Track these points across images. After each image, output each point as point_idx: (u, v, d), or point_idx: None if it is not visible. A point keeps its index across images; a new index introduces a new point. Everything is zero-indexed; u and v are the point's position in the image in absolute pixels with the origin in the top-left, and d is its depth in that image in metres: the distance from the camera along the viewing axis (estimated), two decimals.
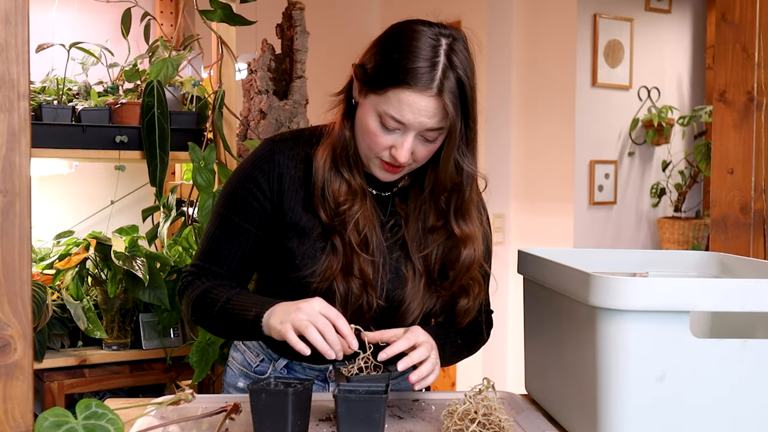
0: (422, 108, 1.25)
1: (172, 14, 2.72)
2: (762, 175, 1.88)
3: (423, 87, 1.24)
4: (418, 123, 1.26)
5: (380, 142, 1.29)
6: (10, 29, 0.98)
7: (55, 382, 2.12)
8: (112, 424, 1.05)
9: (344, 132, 1.35)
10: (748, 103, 1.90)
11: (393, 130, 1.28)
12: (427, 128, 1.27)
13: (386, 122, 1.27)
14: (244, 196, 1.39)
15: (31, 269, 1.04)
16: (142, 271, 2.08)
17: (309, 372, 1.46)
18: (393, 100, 1.25)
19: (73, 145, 2.16)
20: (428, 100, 1.24)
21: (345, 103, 1.37)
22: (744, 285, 1.09)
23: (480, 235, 1.40)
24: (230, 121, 2.34)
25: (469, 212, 1.38)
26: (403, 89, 1.24)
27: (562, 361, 1.29)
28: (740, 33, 1.91)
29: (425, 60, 1.24)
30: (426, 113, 1.25)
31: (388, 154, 1.30)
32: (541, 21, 3.75)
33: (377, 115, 1.28)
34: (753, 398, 1.12)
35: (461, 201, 1.37)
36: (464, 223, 1.38)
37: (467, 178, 1.35)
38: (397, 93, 1.25)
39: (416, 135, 1.28)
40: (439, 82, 1.24)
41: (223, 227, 1.40)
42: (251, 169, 1.40)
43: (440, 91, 1.24)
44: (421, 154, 1.31)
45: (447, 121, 1.27)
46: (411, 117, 1.25)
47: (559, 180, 3.68)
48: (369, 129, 1.29)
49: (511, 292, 3.63)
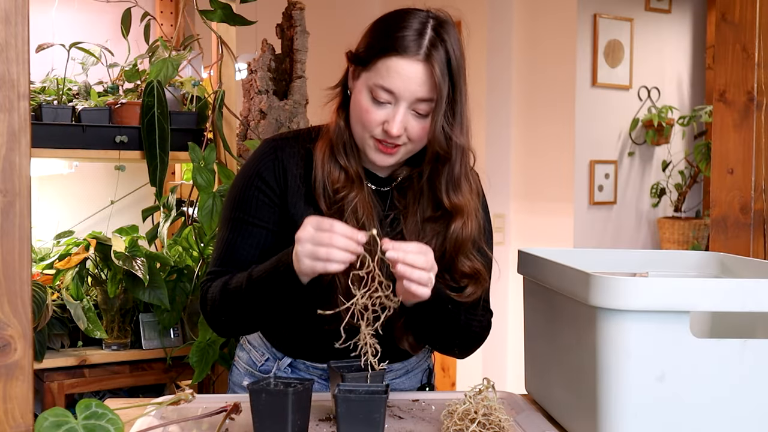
0: (410, 74, 1.27)
1: (172, 14, 2.72)
2: (762, 175, 1.88)
3: (411, 54, 1.27)
4: (408, 92, 1.28)
5: (373, 118, 1.30)
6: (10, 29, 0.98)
7: (55, 382, 2.12)
8: (112, 424, 1.05)
9: (340, 122, 1.38)
10: (748, 103, 1.90)
11: (385, 104, 1.30)
12: (417, 97, 1.28)
13: (377, 95, 1.29)
14: (253, 193, 1.39)
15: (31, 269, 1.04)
16: (142, 271, 2.08)
17: (313, 371, 1.47)
18: (382, 69, 1.28)
19: (73, 145, 2.16)
20: (416, 66, 1.27)
21: (341, 95, 1.40)
22: (744, 285, 1.09)
23: (471, 210, 1.39)
24: (230, 121, 2.34)
25: (460, 186, 1.37)
26: (390, 57, 1.27)
27: (562, 361, 1.29)
28: (740, 33, 1.91)
29: (413, 30, 1.28)
30: (415, 80, 1.27)
31: (381, 131, 1.31)
32: (541, 21, 3.75)
33: (368, 90, 1.30)
34: (753, 398, 1.12)
35: (451, 174, 1.36)
36: (454, 195, 1.37)
37: (457, 150, 1.34)
38: (385, 62, 1.28)
39: (408, 108, 1.30)
40: (427, 49, 1.27)
41: (237, 229, 1.39)
42: (256, 167, 1.40)
43: (428, 58, 1.27)
44: (414, 131, 1.31)
45: (436, 92, 1.29)
46: (400, 84, 1.27)
47: (559, 180, 3.68)
48: (362, 107, 1.31)
49: (511, 292, 3.63)
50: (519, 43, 3.83)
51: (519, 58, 3.84)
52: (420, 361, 1.55)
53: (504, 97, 3.89)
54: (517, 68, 3.85)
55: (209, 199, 2.13)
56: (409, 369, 1.52)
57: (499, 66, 3.88)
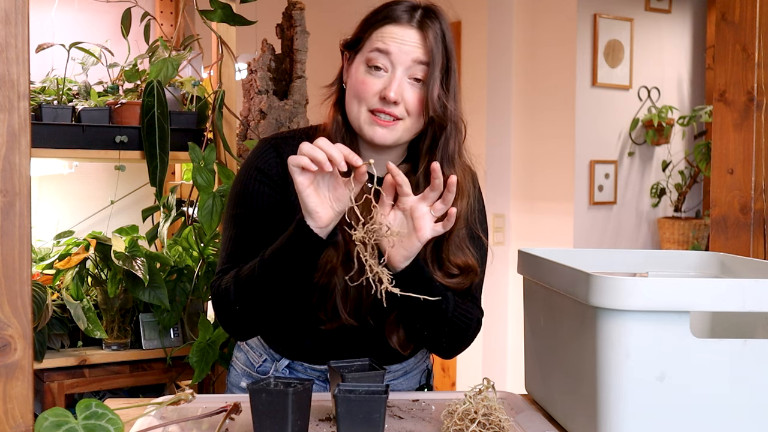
0: (405, 38, 1.30)
1: (172, 14, 2.72)
2: (762, 175, 1.88)
3: (404, 22, 1.32)
4: (404, 53, 1.30)
5: (369, 88, 1.31)
6: (10, 29, 0.98)
7: (55, 382, 2.12)
8: (112, 424, 1.05)
9: (338, 117, 1.39)
10: (748, 103, 1.90)
11: (381, 72, 1.31)
12: (413, 59, 1.30)
13: (373, 60, 1.31)
14: (254, 187, 1.39)
15: (31, 269, 1.04)
16: (142, 271, 2.08)
17: (310, 372, 1.47)
18: (376, 37, 1.32)
19: (73, 145, 2.16)
20: (410, 31, 1.31)
21: (337, 93, 1.41)
22: (744, 285, 1.09)
23: (465, 189, 1.39)
24: (230, 121, 2.34)
25: (453, 163, 1.38)
26: (385, 25, 1.32)
27: (562, 361, 1.29)
28: (740, 33, 1.91)
29: (405, 5, 1.33)
30: (410, 42, 1.30)
31: (378, 99, 1.31)
32: (541, 21, 3.75)
33: (364, 61, 1.33)
34: (753, 398, 1.12)
35: (446, 150, 1.37)
36: (448, 170, 1.36)
37: (452, 120, 1.35)
38: (380, 30, 1.32)
39: (404, 73, 1.31)
40: (420, 19, 1.32)
41: (241, 225, 1.38)
42: (255, 163, 1.41)
43: (421, 26, 1.31)
44: (410, 101, 1.31)
45: (430, 57, 1.31)
46: (395, 47, 1.30)
47: (559, 180, 3.68)
48: (357, 80, 1.33)
49: (511, 292, 3.63)
50: (519, 43, 3.83)
51: (519, 59, 3.85)
52: (418, 362, 1.55)
53: (504, 97, 3.89)
54: (517, 68, 3.85)
55: (209, 199, 2.13)
56: (407, 370, 1.52)
57: (499, 66, 3.88)
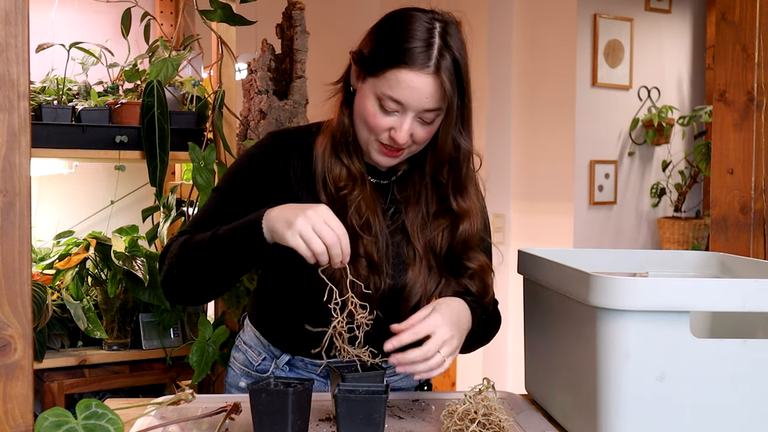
0: (420, 87, 1.27)
1: (172, 14, 2.72)
2: (762, 175, 1.88)
3: (420, 65, 1.26)
4: (417, 103, 1.28)
5: (380, 123, 1.31)
6: (10, 29, 0.98)
7: (55, 382, 2.12)
8: (112, 424, 1.05)
9: (343, 119, 1.38)
10: (748, 103, 1.90)
11: (392, 112, 1.30)
12: (425, 109, 1.29)
13: (385, 104, 1.29)
14: (246, 173, 1.40)
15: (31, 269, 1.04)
16: (142, 271, 2.08)
17: (311, 368, 1.47)
18: (391, 80, 1.28)
19: (73, 145, 2.16)
20: (425, 78, 1.27)
21: (343, 91, 1.40)
22: (744, 285, 1.09)
23: (478, 211, 1.42)
24: (230, 121, 2.34)
25: (467, 188, 1.41)
26: (400, 69, 1.27)
27: (562, 361, 1.29)
28: (740, 33, 1.91)
29: (421, 40, 1.27)
30: (424, 92, 1.27)
31: (387, 137, 1.32)
32: (541, 21, 3.75)
33: (376, 97, 1.30)
34: (753, 398, 1.12)
35: (458, 177, 1.39)
36: (462, 199, 1.40)
37: (464, 155, 1.37)
38: (395, 73, 1.27)
39: (414, 117, 1.30)
40: (436, 60, 1.27)
41: (220, 199, 1.40)
42: (256, 150, 1.43)
43: (437, 70, 1.27)
44: (419, 137, 1.33)
45: (445, 102, 1.29)
46: (409, 96, 1.28)
47: (559, 180, 3.68)
48: (368, 111, 1.31)
49: (511, 292, 3.63)
50: (519, 43, 3.83)
51: (519, 59, 3.84)
52: None
53: (504, 97, 3.89)
54: (517, 68, 3.85)
55: None
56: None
57: (499, 66, 3.88)
